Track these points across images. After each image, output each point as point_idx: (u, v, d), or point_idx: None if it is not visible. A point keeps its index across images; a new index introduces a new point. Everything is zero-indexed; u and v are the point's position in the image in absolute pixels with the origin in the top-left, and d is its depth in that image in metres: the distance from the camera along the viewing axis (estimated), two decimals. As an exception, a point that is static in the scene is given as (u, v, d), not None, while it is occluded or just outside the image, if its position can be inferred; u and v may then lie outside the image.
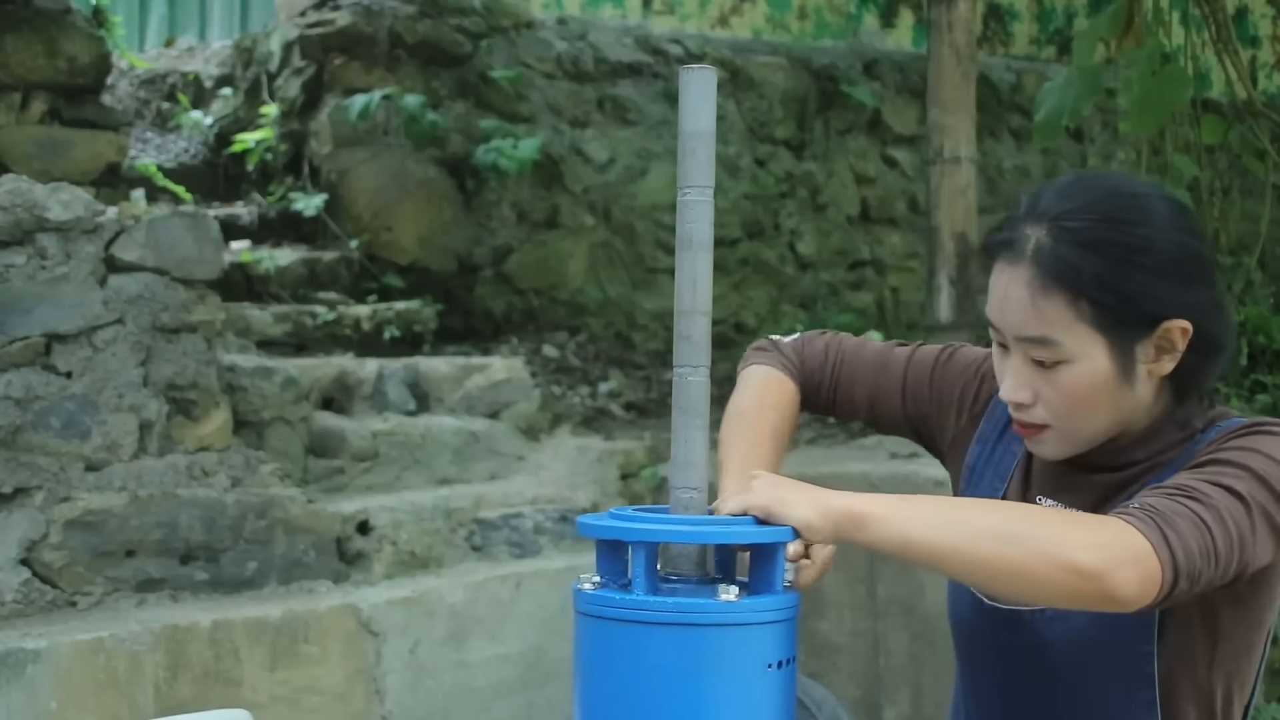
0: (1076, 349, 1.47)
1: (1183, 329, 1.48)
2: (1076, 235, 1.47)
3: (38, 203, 3.15)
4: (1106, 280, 1.46)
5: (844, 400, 1.85)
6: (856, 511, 1.35)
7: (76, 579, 3.14)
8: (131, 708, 2.93)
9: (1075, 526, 1.36)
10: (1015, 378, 1.52)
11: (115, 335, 3.24)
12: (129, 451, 3.25)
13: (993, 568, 1.34)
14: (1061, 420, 1.51)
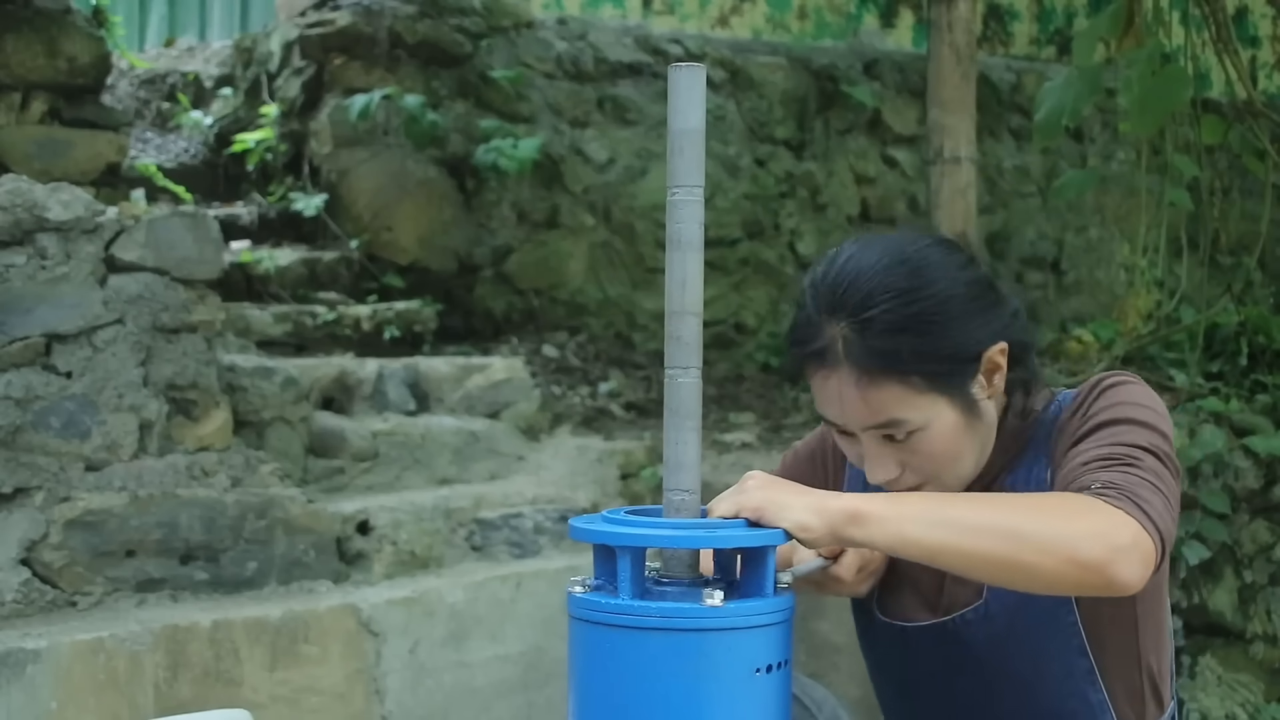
0: (923, 416, 1.53)
1: (1001, 350, 1.56)
2: (878, 324, 1.50)
3: (38, 203, 3.15)
4: (924, 352, 1.51)
5: None
6: (854, 511, 1.36)
7: (76, 579, 3.14)
8: (131, 708, 2.94)
9: (1069, 515, 1.38)
10: (875, 460, 1.56)
11: (115, 335, 3.24)
12: (129, 451, 3.25)
13: (994, 563, 1.36)
14: (933, 477, 1.57)
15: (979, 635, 1.61)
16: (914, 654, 1.67)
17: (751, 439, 4.52)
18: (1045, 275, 6.69)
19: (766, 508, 1.35)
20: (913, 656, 1.68)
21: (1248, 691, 3.73)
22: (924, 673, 1.68)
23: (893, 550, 1.39)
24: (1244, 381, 4.22)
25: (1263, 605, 3.76)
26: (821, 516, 1.35)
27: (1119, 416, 1.51)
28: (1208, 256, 4.27)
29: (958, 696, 1.66)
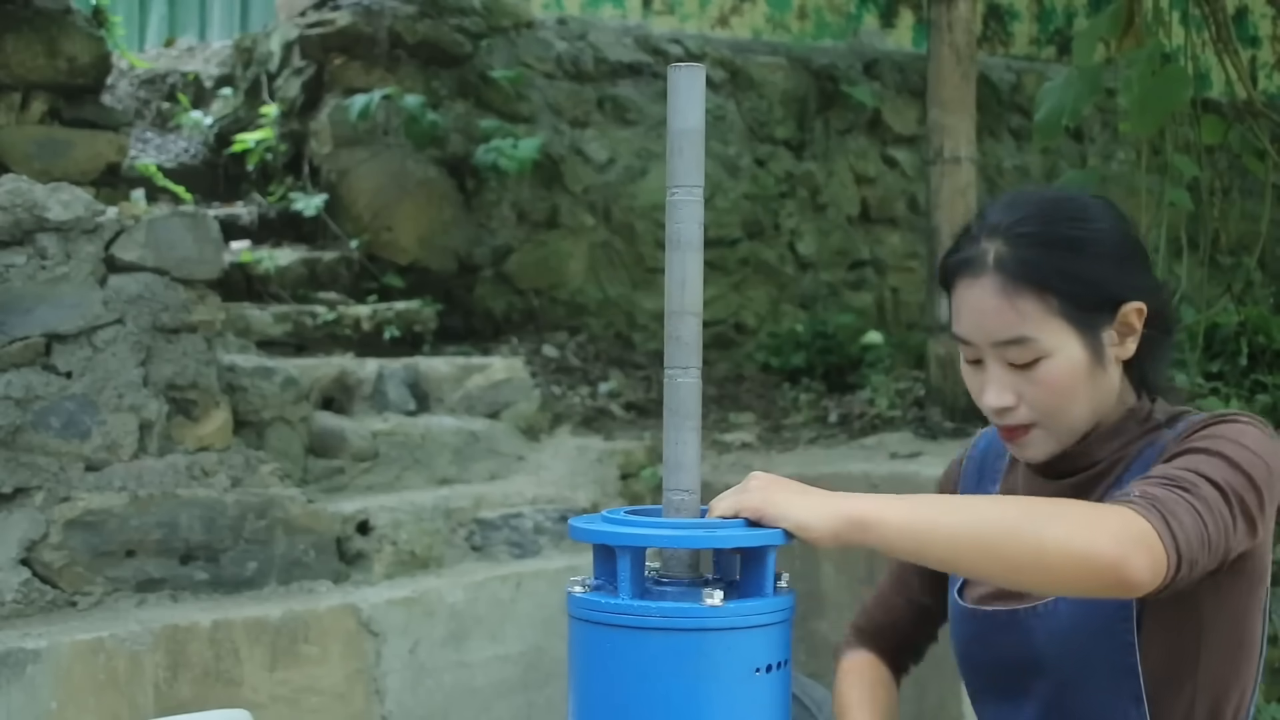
0: (1051, 343, 1.54)
1: (1138, 310, 1.58)
2: (1032, 238, 1.56)
3: (38, 203, 3.15)
4: (1068, 272, 1.55)
5: (920, 638, 2.09)
6: (860, 514, 1.35)
7: (76, 579, 3.14)
8: (131, 708, 2.94)
9: (1084, 516, 1.38)
10: (996, 384, 1.57)
11: (115, 335, 3.24)
12: (129, 451, 3.25)
13: (1008, 563, 1.36)
14: (1046, 415, 1.57)
15: (1042, 630, 1.60)
16: (985, 641, 1.70)
17: (751, 439, 4.52)
18: (1045, 275, 6.68)
19: (767, 508, 1.35)
20: (983, 643, 1.71)
21: (1248, 691, 3.74)
22: (992, 661, 1.70)
23: (907, 554, 1.38)
24: (1244, 381, 4.21)
25: (1263, 605, 3.76)
26: (823, 518, 1.34)
27: (1209, 447, 1.50)
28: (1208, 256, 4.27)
29: (1023, 690, 1.66)
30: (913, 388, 4.50)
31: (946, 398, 4.15)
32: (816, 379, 5.09)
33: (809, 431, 4.52)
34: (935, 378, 4.19)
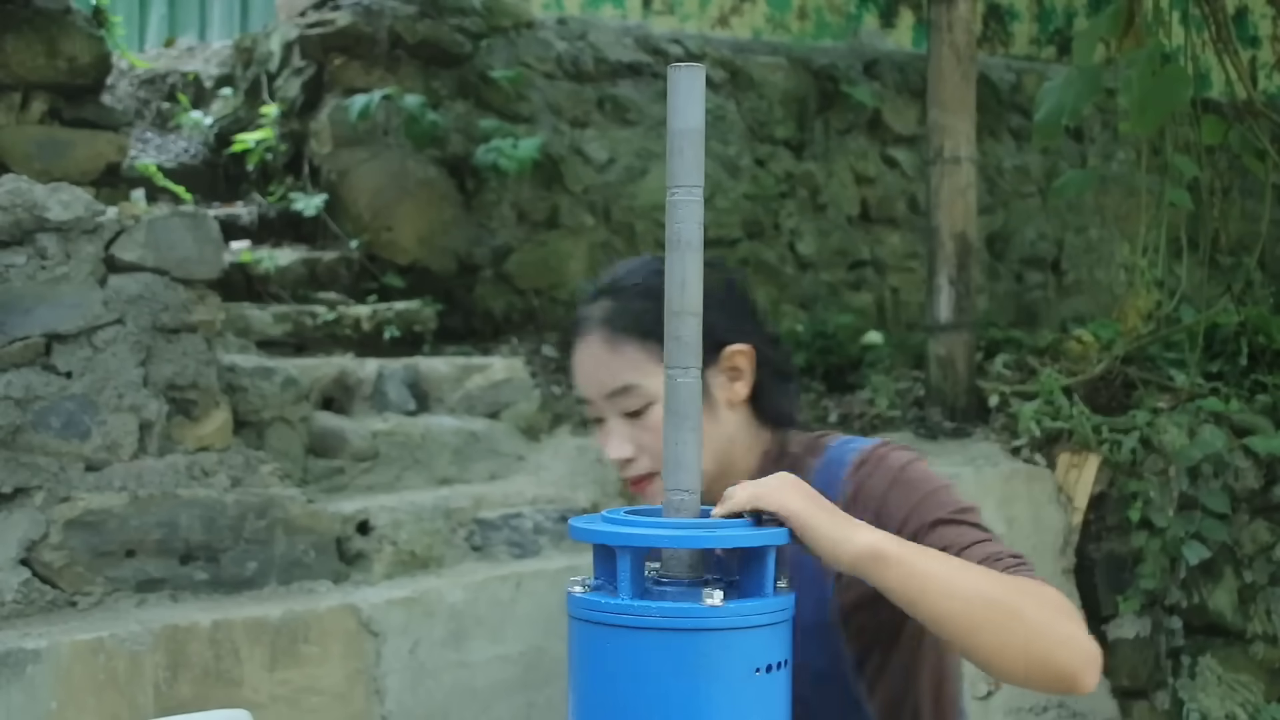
0: (657, 388, 1.57)
1: (744, 353, 1.65)
2: (633, 290, 1.64)
3: (38, 203, 3.15)
4: (654, 322, 1.55)
5: None
6: (881, 550, 1.36)
7: (76, 579, 3.14)
8: (131, 708, 2.94)
9: (1050, 617, 1.40)
10: (616, 437, 1.64)
11: (115, 335, 3.24)
12: (129, 451, 3.25)
13: (991, 645, 1.38)
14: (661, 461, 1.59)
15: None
16: None
17: (751, 439, 4.52)
18: (1045, 275, 6.69)
19: (794, 517, 1.36)
20: None
21: (1248, 691, 3.74)
22: None
23: (897, 596, 1.38)
24: (1244, 381, 4.22)
25: (1263, 605, 3.76)
26: (849, 543, 1.36)
27: (945, 516, 1.56)
28: (1208, 256, 4.28)
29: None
30: (913, 388, 4.50)
31: (946, 398, 4.15)
32: (816, 379, 5.09)
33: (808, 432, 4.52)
34: (935, 378, 4.18)
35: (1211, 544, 3.65)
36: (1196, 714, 3.70)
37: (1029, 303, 6.60)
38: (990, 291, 6.33)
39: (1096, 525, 3.76)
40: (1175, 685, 3.74)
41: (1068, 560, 3.74)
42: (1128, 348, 4.15)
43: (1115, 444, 3.76)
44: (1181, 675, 3.74)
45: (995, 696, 3.58)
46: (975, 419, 4.10)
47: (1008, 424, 3.98)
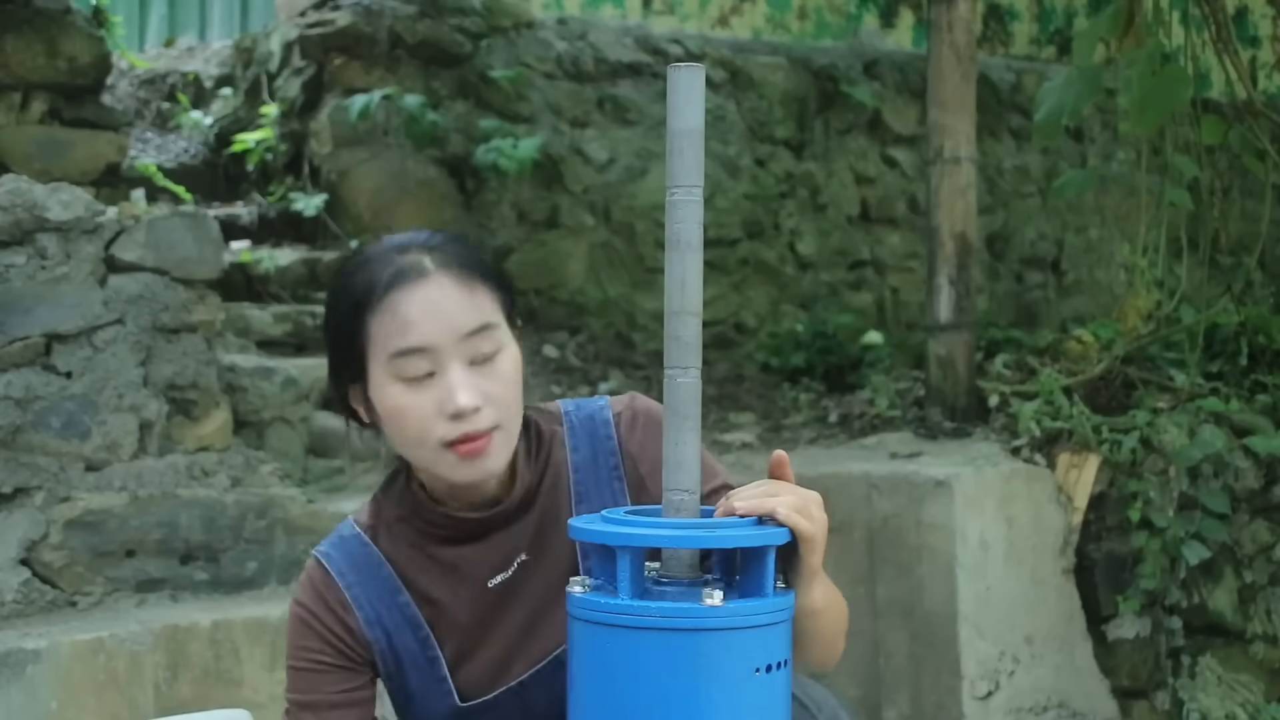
0: (504, 335, 1.57)
1: (519, 324, 1.63)
2: (457, 241, 1.60)
3: (38, 203, 3.15)
4: (491, 269, 1.59)
5: None
6: (823, 578, 1.49)
7: (76, 579, 3.14)
8: (131, 708, 2.94)
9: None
10: (465, 386, 1.51)
11: (115, 335, 3.24)
12: (129, 451, 3.25)
13: (817, 657, 1.57)
14: (507, 412, 1.55)
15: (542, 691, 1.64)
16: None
17: (751, 439, 4.52)
18: (1045, 275, 6.69)
19: (811, 533, 1.40)
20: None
21: (1248, 691, 3.74)
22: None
23: (804, 611, 1.43)
24: (1244, 381, 4.21)
25: (1263, 605, 3.76)
26: (819, 566, 1.45)
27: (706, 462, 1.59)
28: (1208, 256, 4.27)
29: None
30: (913, 388, 4.50)
31: (946, 398, 4.15)
32: (816, 379, 5.09)
33: (809, 431, 4.52)
34: (935, 378, 4.18)
35: (1211, 544, 3.65)
36: (1196, 714, 3.70)
37: (1029, 303, 6.60)
38: (990, 291, 6.33)
39: (1096, 525, 3.76)
40: (1175, 685, 3.73)
41: (1068, 560, 3.74)
42: (1128, 348, 4.15)
43: (1115, 444, 3.76)
44: (1181, 675, 3.74)
45: (995, 696, 3.58)
46: (975, 419, 4.10)
47: (1008, 424, 3.98)
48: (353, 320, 1.55)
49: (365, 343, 1.55)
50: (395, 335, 1.52)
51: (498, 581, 1.61)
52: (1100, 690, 3.76)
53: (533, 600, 1.62)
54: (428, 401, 1.52)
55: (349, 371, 1.58)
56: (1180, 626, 3.73)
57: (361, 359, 1.56)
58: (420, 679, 1.59)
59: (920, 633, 3.61)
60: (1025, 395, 4.06)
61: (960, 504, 3.55)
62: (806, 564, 1.40)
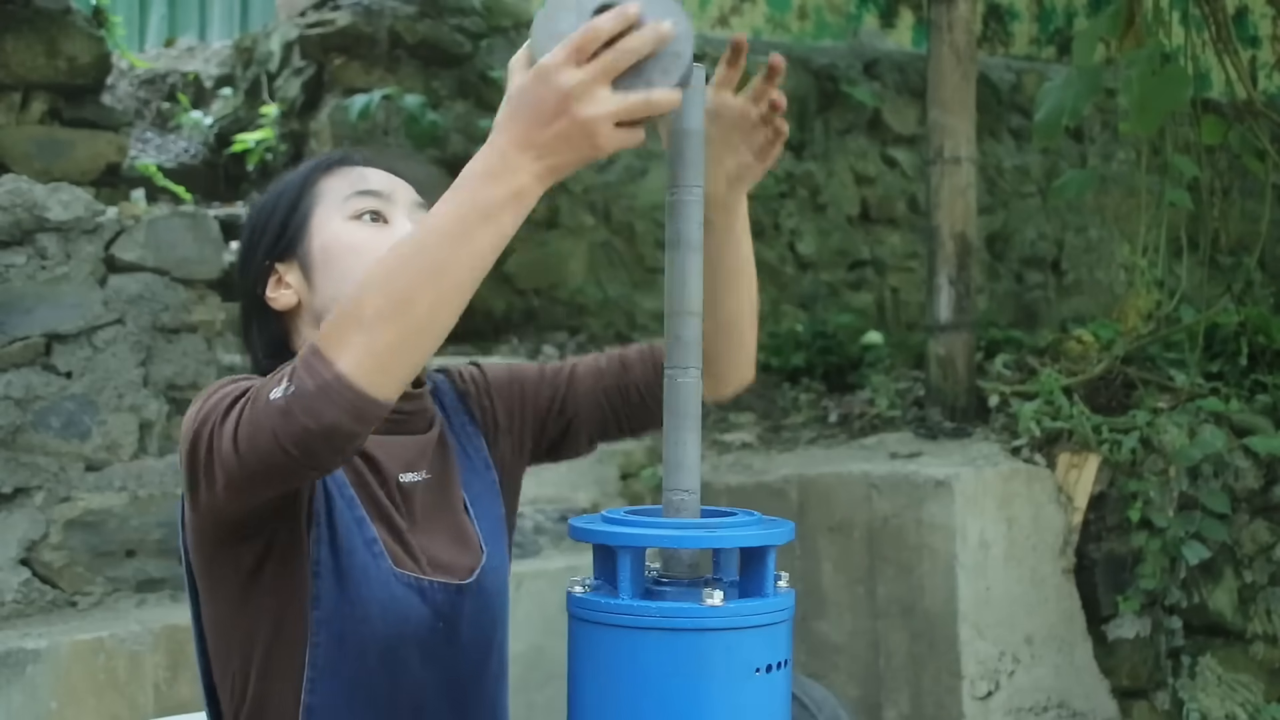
0: None
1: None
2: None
3: (38, 203, 3.15)
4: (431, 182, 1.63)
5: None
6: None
7: (76, 579, 3.15)
8: (131, 708, 2.94)
9: None
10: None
11: (115, 335, 3.24)
12: (129, 451, 3.25)
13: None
14: None
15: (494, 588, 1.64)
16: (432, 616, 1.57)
17: (751, 439, 4.52)
18: (1045, 275, 6.69)
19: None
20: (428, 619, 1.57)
21: (1248, 691, 3.74)
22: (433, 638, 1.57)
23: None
24: (1244, 381, 4.21)
25: (1263, 605, 3.76)
26: None
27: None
28: (1208, 256, 4.27)
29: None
30: (913, 388, 4.50)
31: (946, 398, 4.15)
32: (816, 379, 5.09)
33: (809, 431, 4.52)
34: (935, 378, 4.18)
35: (1211, 544, 3.65)
36: (1196, 714, 3.70)
37: (1029, 303, 6.60)
38: (990, 291, 6.33)
39: (1096, 525, 3.76)
40: (1175, 685, 3.74)
41: (1068, 560, 3.74)
42: (1128, 348, 4.15)
43: (1115, 444, 3.76)
44: (1181, 675, 3.74)
45: (995, 696, 3.58)
46: (975, 419, 4.10)
47: (1008, 424, 3.98)
48: (305, 182, 1.60)
49: (314, 201, 1.59)
50: (355, 181, 1.59)
51: (408, 480, 1.58)
52: (1100, 690, 3.76)
53: (437, 517, 1.60)
54: (382, 240, 1.55)
55: (284, 238, 1.59)
56: (1180, 626, 3.73)
57: (304, 218, 1.58)
58: (349, 534, 1.50)
59: (920, 633, 3.61)
60: (1025, 395, 4.06)
61: (960, 504, 3.55)
62: (758, 175, 1.47)
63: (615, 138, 1.26)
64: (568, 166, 1.28)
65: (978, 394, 4.15)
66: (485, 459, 1.69)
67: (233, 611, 1.50)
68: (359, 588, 1.49)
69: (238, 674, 1.52)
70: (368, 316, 1.26)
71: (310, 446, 1.27)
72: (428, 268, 1.28)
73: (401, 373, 1.29)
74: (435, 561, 1.57)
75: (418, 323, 1.28)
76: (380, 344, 1.26)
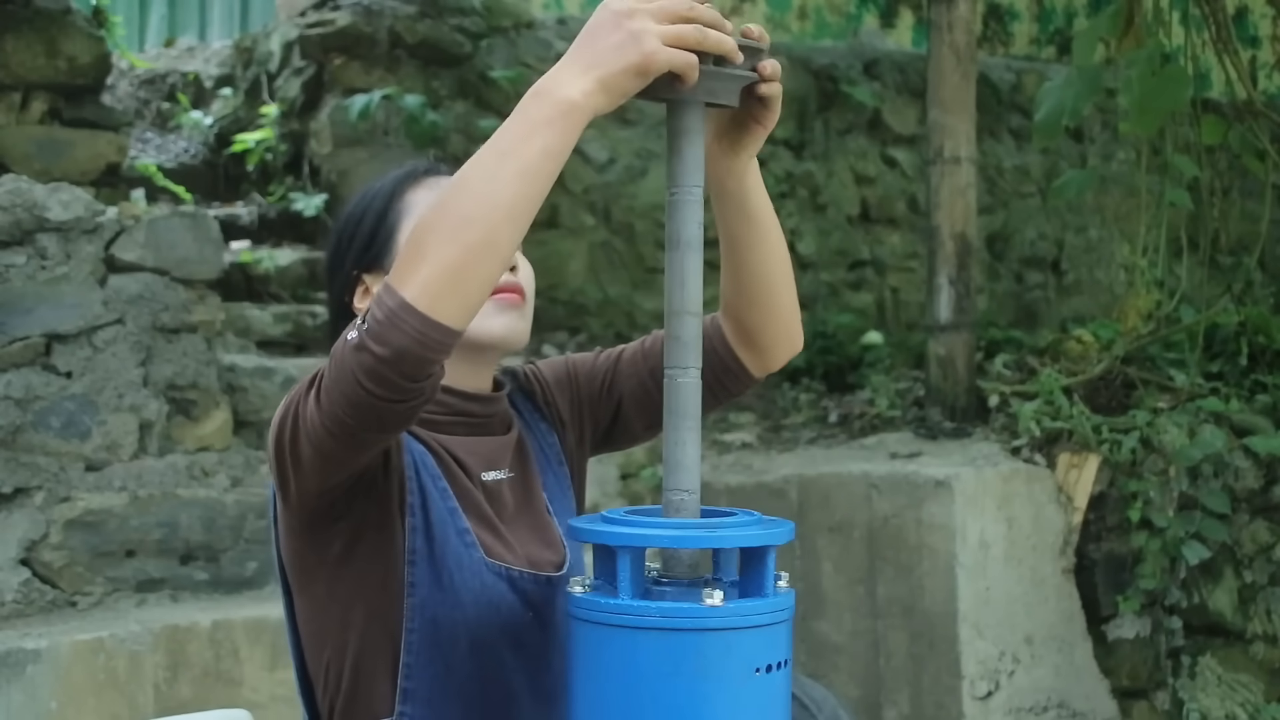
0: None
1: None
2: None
3: (38, 203, 3.15)
4: None
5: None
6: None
7: (76, 579, 3.15)
8: (131, 708, 2.94)
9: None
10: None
11: (115, 335, 3.24)
12: (129, 451, 3.25)
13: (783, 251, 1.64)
14: (530, 293, 1.63)
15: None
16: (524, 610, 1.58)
17: (751, 439, 4.52)
18: (1045, 275, 6.69)
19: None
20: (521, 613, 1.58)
21: (1248, 691, 3.74)
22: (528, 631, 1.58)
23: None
24: (1244, 381, 4.21)
25: (1263, 605, 3.76)
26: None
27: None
28: (1208, 256, 4.27)
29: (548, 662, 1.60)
30: (913, 388, 4.50)
31: (946, 398, 4.15)
32: (816, 379, 5.09)
33: (809, 431, 4.52)
34: (935, 378, 4.18)
35: (1211, 544, 3.65)
36: (1196, 714, 3.70)
37: (1029, 303, 6.60)
38: (990, 291, 6.33)
39: (1096, 525, 3.76)
40: (1175, 685, 3.74)
41: (1068, 560, 3.74)
42: (1128, 348, 4.15)
43: (1115, 444, 3.76)
44: (1181, 675, 3.74)
45: (995, 696, 3.59)
46: (975, 419, 4.10)
47: (1008, 424, 3.98)
48: (393, 193, 1.61)
49: (400, 214, 1.60)
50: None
51: (491, 478, 1.60)
52: (1100, 690, 3.76)
53: (523, 514, 1.63)
54: None
55: (372, 249, 1.61)
56: (1180, 626, 3.73)
57: (391, 230, 1.60)
58: (442, 524, 1.53)
59: (920, 633, 3.61)
60: (1025, 395, 4.06)
61: (960, 504, 3.55)
62: (760, 139, 1.47)
63: (664, 51, 1.30)
64: (616, 78, 1.31)
65: (978, 394, 4.15)
66: (559, 454, 1.71)
67: (326, 601, 1.53)
68: (452, 576, 1.52)
69: (332, 663, 1.54)
70: (429, 244, 1.29)
71: (384, 377, 1.29)
72: (480, 188, 1.30)
73: (466, 296, 1.30)
74: (528, 555, 1.60)
75: (475, 243, 1.29)
76: (441, 268, 1.28)
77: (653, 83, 1.32)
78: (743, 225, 1.56)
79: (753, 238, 1.57)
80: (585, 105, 1.32)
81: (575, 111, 1.31)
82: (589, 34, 1.34)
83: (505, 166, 1.30)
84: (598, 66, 1.32)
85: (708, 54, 1.32)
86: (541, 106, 1.32)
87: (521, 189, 1.30)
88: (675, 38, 1.30)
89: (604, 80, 1.31)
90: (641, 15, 1.31)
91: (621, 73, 1.31)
